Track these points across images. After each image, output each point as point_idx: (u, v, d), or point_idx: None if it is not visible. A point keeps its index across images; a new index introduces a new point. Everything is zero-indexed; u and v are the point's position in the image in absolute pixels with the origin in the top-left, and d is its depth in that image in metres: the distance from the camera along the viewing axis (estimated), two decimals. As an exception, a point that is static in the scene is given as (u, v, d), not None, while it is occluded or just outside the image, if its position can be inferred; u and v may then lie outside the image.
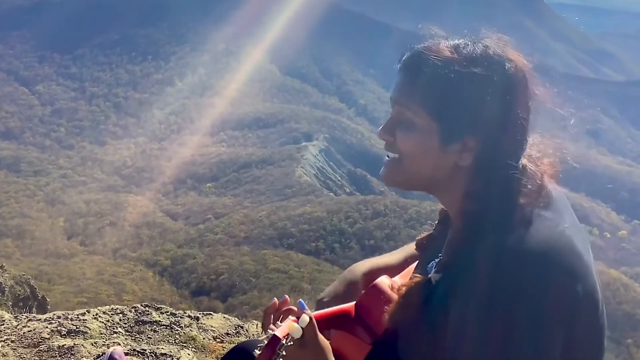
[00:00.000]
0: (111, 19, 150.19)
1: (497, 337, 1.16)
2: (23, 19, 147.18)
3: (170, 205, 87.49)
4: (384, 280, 1.58)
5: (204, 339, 3.53)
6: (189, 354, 3.30)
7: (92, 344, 3.21)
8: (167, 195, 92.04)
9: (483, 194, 1.30)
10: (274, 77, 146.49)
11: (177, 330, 3.55)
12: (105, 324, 3.52)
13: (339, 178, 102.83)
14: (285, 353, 1.27)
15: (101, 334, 3.42)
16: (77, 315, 3.58)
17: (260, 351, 1.28)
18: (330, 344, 1.41)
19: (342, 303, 1.68)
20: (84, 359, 3.08)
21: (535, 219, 1.25)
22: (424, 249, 1.61)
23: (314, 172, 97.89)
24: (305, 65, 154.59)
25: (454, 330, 1.23)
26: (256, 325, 3.89)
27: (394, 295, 1.49)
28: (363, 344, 1.53)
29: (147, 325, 3.56)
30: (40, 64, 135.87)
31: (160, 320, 3.62)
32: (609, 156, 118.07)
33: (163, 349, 3.27)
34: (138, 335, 3.46)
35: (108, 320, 3.56)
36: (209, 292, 53.69)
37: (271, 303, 1.48)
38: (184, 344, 3.42)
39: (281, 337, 1.27)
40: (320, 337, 1.36)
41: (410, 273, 1.57)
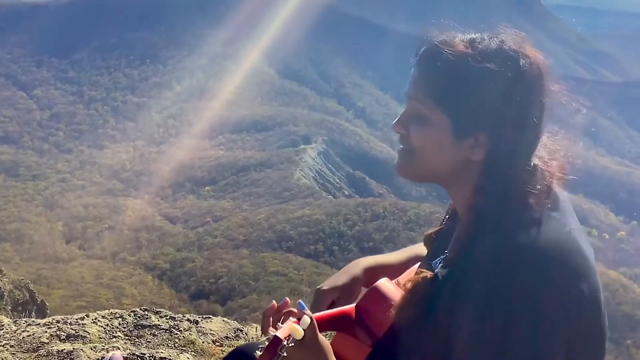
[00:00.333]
0: (109, 23, 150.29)
1: (502, 338, 1.16)
2: (21, 24, 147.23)
3: (169, 209, 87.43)
4: (384, 283, 1.58)
5: (203, 342, 3.53)
6: (188, 358, 3.29)
7: (92, 349, 3.21)
8: (166, 199, 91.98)
9: (492, 190, 1.29)
10: (272, 80, 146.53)
11: (177, 334, 3.55)
12: (104, 328, 3.51)
13: (338, 180, 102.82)
14: (286, 354, 1.27)
15: (100, 338, 3.41)
16: (76, 319, 3.57)
17: (261, 352, 1.27)
18: (330, 345, 1.41)
19: (341, 294, 1.71)
20: (84, 363, 3.07)
21: (543, 219, 1.25)
22: (432, 244, 1.60)
23: (312, 175, 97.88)
24: (303, 68, 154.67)
25: (458, 328, 1.22)
26: (255, 328, 3.89)
27: (394, 297, 1.49)
28: (363, 345, 1.52)
29: (147, 329, 3.56)
30: (38, 68, 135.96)
31: (159, 324, 3.62)
32: (608, 157, 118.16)
33: (162, 353, 3.27)
34: (137, 340, 3.46)
35: (107, 325, 3.56)
36: (208, 296, 53.72)
37: (270, 305, 1.47)
38: (184, 348, 3.42)
39: (282, 338, 1.27)
40: (321, 338, 1.37)
41: (412, 274, 1.54)
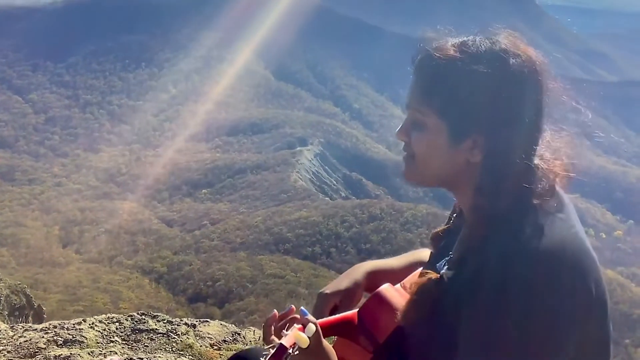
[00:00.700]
0: (104, 26, 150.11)
1: (512, 338, 1.16)
2: (16, 27, 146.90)
3: (165, 212, 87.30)
4: (387, 288, 1.58)
5: (201, 346, 3.51)
6: (186, 362, 3.28)
7: (89, 354, 3.20)
8: (163, 202, 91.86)
9: (492, 191, 1.30)
10: (268, 83, 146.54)
11: (174, 338, 3.54)
12: (101, 333, 3.50)
13: (335, 182, 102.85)
14: None
15: (98, 343, 3.40)
16: (74, 324, 3.56)
17: None
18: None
19: (343, 298, 1.70)
20: (81, 368, 3.06)
21: (550, 220, 1.26)
22: (439, 242, 1.60)
23: (309, 177, 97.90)
24: (299, 70, 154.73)
25: (468, 329, 1.22)
26: (253, 331, 3.88)
27: (396, 303, 1.49)
28: (365, 351, 1.52)
29: (144, 334, 3.55)
30: (33, 72, 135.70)
31: (156, 329, 3.61)
32: (604, 157, 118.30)
33: (160, 357, 3.25)
34: (135, 344, 3.45)
35: (104, 329, 3.54)
36: (205, 299, 53.65)
37: (271, 315, 1.45)
38: (181, 352, 3.41)
39: (288, 347, 1.26)
40: (326, 344, 1.37)
41: (417, 277, 1.55)
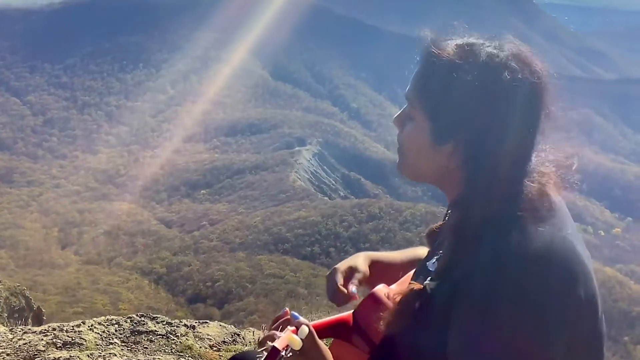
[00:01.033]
0: (101, 27, 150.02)
1: (501, 342, 1.16)
2: (13, 29, 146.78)
3: (164, 213, 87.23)
4: (381, 289, 1.58)
5: (200, 347, 3.51)
6: (185, 363, 3.28)
7: (88, 356, 3.19)
8: (161, 203, 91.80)
9: (471, 199, 1.29)
10: (266, 83, 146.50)
11: (174, 339, 3.54)
12: (101, 335, 3.50)
13: (333, 182, 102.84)
14: None
15: (97, 345, 3.39)
16: (73, 326, 3.56)
17: None
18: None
19: (352, 270, 1.71)
20: (80, 370, 3.06)
21: (537, 225, 1.24)
22: (434, 239, 1.60)
23: (307, 177, 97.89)
24: (297, 70, 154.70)
25: (457, 334, 1.22)
26: (252, 332, 3.88)
27: (390, 304, 1.49)
28: (361, 352, 1.53)
29: (143, 335, 3.55)
30: (31, 74, 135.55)
31: (156, 330, 3.61)
32: (602, 154, 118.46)
33: (160, 359, 3.25)
34: (134, 346, 3.44)
35: (104, 331, 3.54)
36: (205, 299, 53.57)
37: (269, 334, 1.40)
38: (181, 354, 3.40)
39: (280, 349, 1.26)
40: (321, 344, 1.37)
41: (407, 280, 1.57)
